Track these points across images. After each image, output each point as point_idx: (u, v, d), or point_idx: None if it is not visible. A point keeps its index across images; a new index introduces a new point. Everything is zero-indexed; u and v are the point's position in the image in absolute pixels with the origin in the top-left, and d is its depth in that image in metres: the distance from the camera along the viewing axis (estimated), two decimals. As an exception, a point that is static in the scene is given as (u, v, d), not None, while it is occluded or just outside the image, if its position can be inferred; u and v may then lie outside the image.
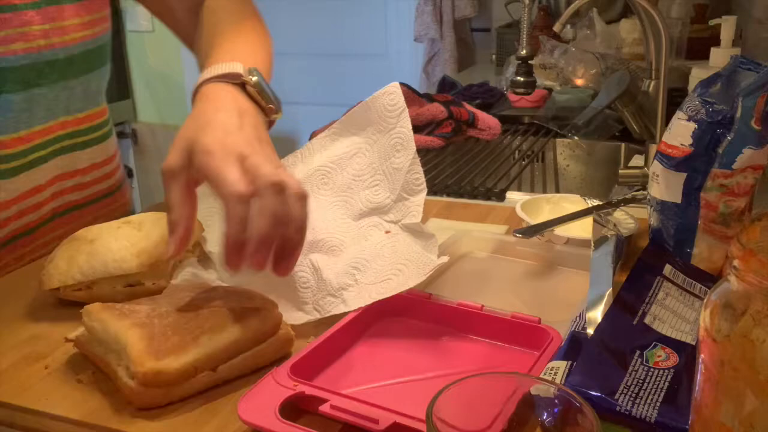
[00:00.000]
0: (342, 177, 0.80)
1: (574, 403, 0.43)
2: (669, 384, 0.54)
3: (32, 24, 0.84)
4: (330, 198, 0.79)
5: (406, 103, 0.79)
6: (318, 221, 0.76)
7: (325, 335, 0.65)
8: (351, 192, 0.79)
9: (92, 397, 0.60)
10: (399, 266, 0.70)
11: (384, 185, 0.77)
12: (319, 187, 0.80)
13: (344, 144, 0.81)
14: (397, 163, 0.76)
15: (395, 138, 0.77)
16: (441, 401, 0.43)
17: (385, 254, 0.73)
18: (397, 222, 0.75)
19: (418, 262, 0.70)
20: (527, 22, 1.38)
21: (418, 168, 0.76)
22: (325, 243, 0.75)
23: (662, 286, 0.69)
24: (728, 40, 1.38)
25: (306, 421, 0.55)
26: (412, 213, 0.74)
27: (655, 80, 1.14)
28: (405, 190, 0.75)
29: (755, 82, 0.71)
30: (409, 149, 0.76)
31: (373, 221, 0.77)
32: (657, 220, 0.80)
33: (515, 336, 0.67)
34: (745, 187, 0.74)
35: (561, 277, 0.83)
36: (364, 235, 0.76)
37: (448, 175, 1.27)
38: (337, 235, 0.76)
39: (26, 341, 0.69)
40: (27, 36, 0.83)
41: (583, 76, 1.81)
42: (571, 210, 0.88)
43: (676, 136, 0.76)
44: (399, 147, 0.77)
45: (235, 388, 0.61)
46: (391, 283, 0.69)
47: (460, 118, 1.48)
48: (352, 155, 0.80)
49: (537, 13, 2.44)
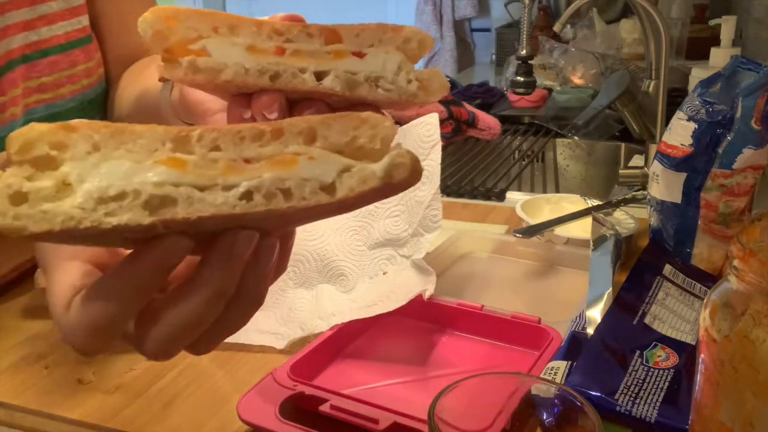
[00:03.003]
0: None
1: (575, 402, 0.43)
2: (669, 384, 0.54)
3: (78, 64, 0.82)
4: (350, 222, 0.78)
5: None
6: (333, 245, 0.76)
7: (325, 335, 0.65)
8: (372, 218, 0.77)
9: (92, 397, 0.60)
10: (389, 293, 0.70)
11: (404, 217, 0.76)
12: None
13: None
14: (420, 196, 0.75)
15: (424, 170, 0.76)
16: (442, 401, 0.43)
17: (383, 287, 0.72)
18: (409, 257, 0.74)
19: (407, 291, 0.69)
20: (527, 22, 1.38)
21: (437, 204, 0.74)
22: (337, 269, 0.75)
23: (662, 286, 0.69)
24: (728, 40, 1.38)
25: (306, 421, 0.55)
26: (421, 249, 0.74)
27: (655, 80, 1.14)
28: (422, 225, 0.74)
29: (755, 82, 0.72)
30: (434, 183, 0.74)
31: (387, 253, 0.76)
32: (657, 220, 0.80)
33: (515, 336, 0.67)
34: (745, 187, 0.74)
35: (561, 277, 0.83)
36: (375, 270, 0.75)
37: (448, 175, 1.27)
38: (349, 264, 0.75)
39: (26, 341, 0.69)
40: (73, 78, 0.81)
41: (583, 76, 1.81)
42: (571, 210, 0.88)
43: (676, 136, 0.76)
44: (425, 180, 0.75)
45: (235, 388, 0.61)
46: (375, 308, 0.68)
47: (460, 118, 1.48)
48: None
49: (537, 13, 2.44)
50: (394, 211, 0.76)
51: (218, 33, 0.41)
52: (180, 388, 0.61)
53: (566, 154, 1.57)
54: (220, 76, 0.41)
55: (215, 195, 0.31)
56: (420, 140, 0.76)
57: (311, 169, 0.32)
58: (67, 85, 0.80)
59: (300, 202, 0.32)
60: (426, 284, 0.69)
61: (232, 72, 0.41)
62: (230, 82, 0.41)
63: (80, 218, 0.30)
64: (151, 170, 0.31)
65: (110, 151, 0.31)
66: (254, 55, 0.41)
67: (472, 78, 2.29)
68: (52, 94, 0.80)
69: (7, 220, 0.29)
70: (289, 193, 0.32)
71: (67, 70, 0.80)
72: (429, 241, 0.74)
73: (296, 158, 0.32)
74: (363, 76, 0.42)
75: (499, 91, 1.86)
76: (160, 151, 0.31)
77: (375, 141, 0.33)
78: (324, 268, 0.75)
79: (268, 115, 0.42)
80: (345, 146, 0.33)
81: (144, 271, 0.33)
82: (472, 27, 3.18)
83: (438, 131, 0.76)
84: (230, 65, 0.41)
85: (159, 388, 0.61)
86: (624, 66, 1.75)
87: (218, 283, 0.34)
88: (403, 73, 0.42)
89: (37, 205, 0.30)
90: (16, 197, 0.30)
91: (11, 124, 0.77)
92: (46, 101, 0.79)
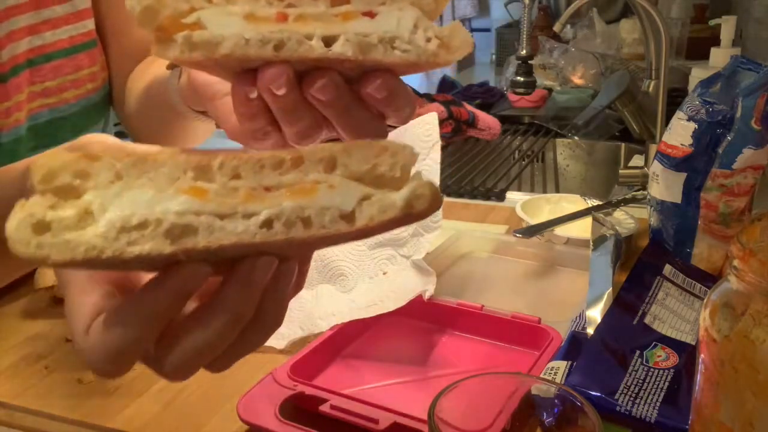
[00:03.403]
0: None
1: (575, 402, 0.43)
2: (669, 384, 0.54)
3: (82, 68, 0.81)
4: None
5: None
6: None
7: (325, 335, 0.65)
8: None
9: (92, 397, 0.60)
10: (389, 293, 0.70)
11: None
12: None
13: None
14: None
15: (423, 170, 0.76)
16: (442, 401, 0.43)
17: (383, 287, 0.72)
18: (409, 257, 0.74)
19: (407, 291, 0.69)
20: (527, 22, 1.38)
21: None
22: (337, 269, 0.75)
23: (662, 286, 0.69)
24: (728, 40, 1.38)
25: (306, 421, 0.55)
26: (421, 249, 0.74)
27: (655, 80, 1.14)
28: (422, 225, 0.74)
29: (755, 82, 0.71)
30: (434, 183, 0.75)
31: (387, 253, 0.76)
32: (657, 220, 0.80)
33: (515, 336, 0.67)
34: (745, 187, 0.74)
35: (561, 277, 0.83)
36: (375, 270, 0.75)
37: (448, 175, 1.27)
38: (349, 264, 0.75)
39: (26, 341, 0.69)
40: (77, 82, 0.81)
41: (583, 76, 1.81)
42: (571, 210, 0.88)
43: (676, 136, 0.76)
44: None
45: (235, 388, 0.61)
46: (375, 308, 0.68)
47: (460, 118, 1.48)
48: None
49: (537, 13, 2.44)
50: None
51: (213, 2, 0.37)
52: (180, 388, 0.61)
53: (566, 154, 1.57)
54: (219, 50, 0.37)
55: (236, 223, 0.31)
56: (419, 140, 0.76)
57: (331, 198, 0.32)
58: (71, 89, 0.80)
59: (320, 230, 0.32)
60: (426, 284, 0.69)
61: (231, 44, 0.37)
62: (230, 55, 0.37)
63: (102, 247, 0.30)
64: (172, 199, 0.31)
65: (132, 180, 0.31)
66: (254, 23, 0.37)
67: (472, 78, 2.29)
68: (56, 98, 0.79)
69: (30, 249, 0.30)
70: (308, 222, 0.32)
71: (71, 74, 0.79)
72: (429, 241, 0.74)
73: (316, 186, 0.32)
74: (376, 38, 0.38)
75: (499, 91, 1.86)
76: (182, 179, 0.31)
77: (395, 169, 0.33)
78: (324, 268, 0.75)
79: (275, 90, 0.39)
80: (365, 174, 0.33)
81: (163, 298, 0.33)
82: (472, 27, 3.18)
83: (437, 130, 0.76)
84: (228, 37, 0.37)
85: (159, 388, 0.61)
86: (624, 66, 1.75)
87: (237, 308, 0.34)
88: (420, 30, 0.39)
89: (59, 234, 0.30)
90: (38, 226, 0.30)
91: (15, 129, 0.76)
92: (51, 105, 0.79)
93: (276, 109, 0.42)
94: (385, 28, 0.38)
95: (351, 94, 0.41)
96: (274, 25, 0.37)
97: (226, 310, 0.34)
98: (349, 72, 0.40)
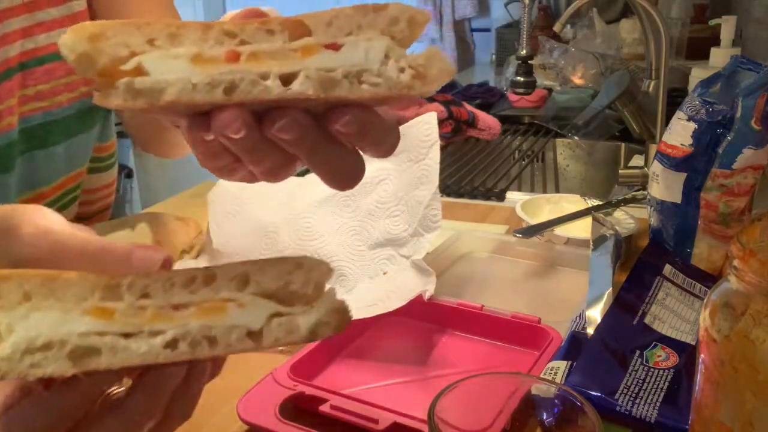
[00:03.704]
0: (366, 202, 0.78)
1: (575, 402, 0.43)
2: (669, 384, 0.54)
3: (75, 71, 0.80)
4: (350, 222, 0.78)
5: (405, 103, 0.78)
6: (334, 245, 0.76)
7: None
8: (372, 218, 0.77)
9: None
10: (389, 293, 0.70)
11: (404, 217, 0.76)
12: (341, 209, 0.79)
13: (373, 168, 0.79)
14: (420, 196, 0.75)
15: (422, 170, 0.76)
16: (442, 401, 0.43)
17: (383, 287, 0.72)
18: (409, 257, 0.74)
19: (407, 291, 0.69)
20: (527, 22, 1.38)
21: (437, 204, 0.74)
22: (337, 269, 0.74)
23: (662, 286, 0.69)
24: (728, 40, 1.38)
25: (306, 421, 0.55)
26: (421, 249, 0.74)
27: (655, 80, 1.14)
28: (422, 225, 0.74)
29: (755, 82, 0.72)
30: (433, 183, 0.74)
31: (387, 253, 0.76)
32: (657, 220, 0.80)
33: (515, 336, 0.67)
34: (745, 187, 0.74)
35: (561, 277, 0.83)
36: (375, 270, 0.75)
37: (448, 175, 1.27)
38: (349, 264, 0.75)
39: (26, 341, 0.69)
40: (71, 86, 0.79)
41: (583, 76, 1.81)
42: (571, 210, 0.88)
43: (676, 136, 0.76)
44: (424, 179, 0.75)
45: (235, 388, 0.61)
46: (375, 308, 0.68)
47: (460, 118, 1.48)
48: (379, 181, 0.79)
49: (537, 13, 2.44)
50: (394, 211, 0.76)
51: (155, 45, 0.34)
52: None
53: (566, 154, 1.57)
54: (163, 96, 0.33)
55: (140, 343, 0.32)
56: (418, 140, 0.76)
57: (240, 317, 0.33)
58: (64, 93, 0.79)
59: (225, 348, 0.32)
60: (426, 284, 0.69)
61: (177, 90, 0.33)
62: (176, 102, 0.33)
63: (6, 370, 0.31)
64: (78, 320, 0.31)
65: (40, 301, 0.31)
66: (201, 65, 0.34)
67: (472, 78, 2.29)
68: (49, 102, 0.78)
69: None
70: (214, 341, 0.32)
71: (64, 77, 0.78)
72: (429, 241, 0.74)
73: (225, 305, 0.33)
74: (341, 72, 0.34)
75: (499, 91, 1.86)
76: (90, 300, 0.32)
77: (308, 286, 0.33)
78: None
79: (232, 135, 0.35)
80: (277, 291, 0.33)
81: (69, 401, 0.34)
82: (472, 27, 3.18)
83: (436, 130, 0.76)
84: (173, 82, 0.33)
85: (159, 388, 0.61)
86: (624, 66, 1.75)
87: (144, 410, 0.35)
88: (391, 61, 0.35)
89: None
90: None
91: (7, 133, 0.75)
92: (43, 109, 0.78)
93: (237, 150, 0.38)
94: (352, 61, 0.35)
95: (318, 131, 0.37)
96: (224, 66, 0.34)
97: (133, 410, 0.35)
98: (314, 108, 0.37)
